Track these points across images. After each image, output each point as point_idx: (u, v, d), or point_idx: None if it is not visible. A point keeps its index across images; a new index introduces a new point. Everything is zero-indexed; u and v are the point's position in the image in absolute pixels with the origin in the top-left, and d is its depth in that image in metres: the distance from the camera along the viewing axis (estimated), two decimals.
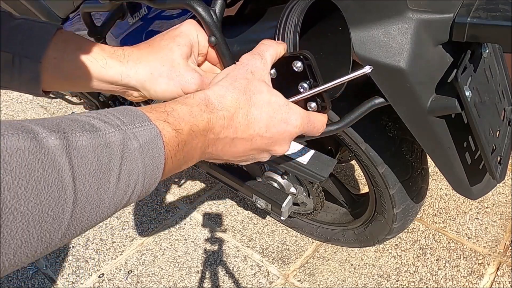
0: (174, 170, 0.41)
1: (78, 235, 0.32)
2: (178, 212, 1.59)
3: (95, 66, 0.51)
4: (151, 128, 0.36)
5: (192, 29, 0.54)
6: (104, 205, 0.32)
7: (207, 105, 0.43)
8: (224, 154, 0.47)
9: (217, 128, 0.43)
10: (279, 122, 0.47)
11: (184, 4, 0.54)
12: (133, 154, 0.34)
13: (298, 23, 0.54)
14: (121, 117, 0.36)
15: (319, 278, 1.32)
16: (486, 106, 0.70)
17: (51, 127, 0.30)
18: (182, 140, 0.39)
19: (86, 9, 0.76)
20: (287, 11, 0.56)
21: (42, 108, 2.28)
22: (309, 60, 0.50)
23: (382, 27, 0.63)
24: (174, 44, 0.52)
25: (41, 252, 0.29)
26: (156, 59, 0.52)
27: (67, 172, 0.29)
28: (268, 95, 0.46)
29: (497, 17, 0.57)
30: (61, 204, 0.29)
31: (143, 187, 0.36)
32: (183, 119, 0.40)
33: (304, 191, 1.15)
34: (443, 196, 1.54)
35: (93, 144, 0.31)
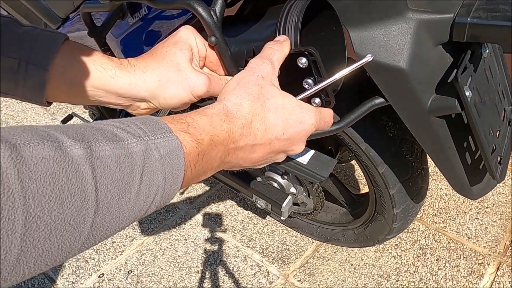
0: (194, 180, 0.41)
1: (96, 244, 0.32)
2: (178, 212, 1.59)
3: (105, 76, 0.51)
4: (172, 139, 0.37)
5: (189, 34, 0.54)
6: (124, 215, 0.32)
7: (226, 114, 0.43)
8: (244, 162, 0.47)
9: (237, 137, 0.44)
10: (295, 123, 0.48)
11: (184, 4, 0.54)
12: (154, 165, 0.34)
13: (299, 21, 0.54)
14: (144, 127, 0.36)
15: (319, 278, 1.32)
16: (486, 106, 0.70)
17: (75, 136, 0.30)
18: (202, 150, 0.40)
19: (86, 9, 0.76)
20: (286, 10, 0.56)
21: (43, 108, 2.28)
22: (314, 56, 0.51)
23: (382, 27, 0.63)
24: (176, 49, 0.52)
25: (60, 261, 0.29)
26: (161, 66, 0.52)
27: (90, 181, 0.29)
28: (281, 99, 0.47)
29: (497, 17, 0.57)
30: (83, 214, 0.29)
31: (162, 198, 0.36)
32: (204, 129, 0.40)
33: (304, 191, 1.15)
34: (443, 196, 1.54)
35: (115, 154, 0.32)
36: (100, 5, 0.73)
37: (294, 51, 0.53)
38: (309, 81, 0.54)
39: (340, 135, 0.94)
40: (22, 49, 0.49)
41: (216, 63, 0.58)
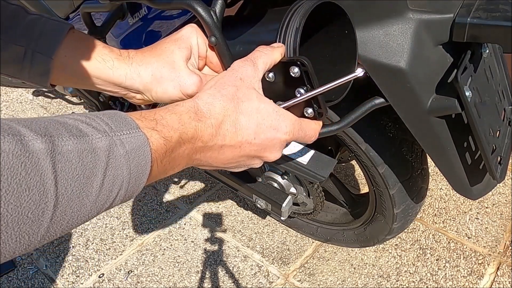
0: (160, 176, 0.42)
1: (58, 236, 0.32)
2: (178, 212, 1.59)
3: (104, 66, 0.53)
4: (138, 136, 0.37)
5: (192, 33, 0.54)
6: (86, 209, 0.33)
7: (196, 113, 0.43)
8: (213, 161, 0.47)
9: (206, 136, 0.44)
10: (268, 129, 0.47)
11: (184, 4, 0.54)
12: (118, 160, 0.34)
13: (300, 27, 0.54)
14: (110, 122, 0.36)
15: (319, 278, 1.32)
16: (486, 106, 0.70)
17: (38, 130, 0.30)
18: (170, 147, 0.40)
19: (86, 9, 0.76)
20: (290, 14, 0.56)
21: (42, 108, 2.28)
22: (306, 67, 0.50)
23: (382, 27, 0.63)
24: (175, 47, 0.53)
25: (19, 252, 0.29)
26: (157, 61, 0.53)
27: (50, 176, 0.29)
28: (257, 102, 0.46)
29: (497, 17, 0.57)
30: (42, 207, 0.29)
31: (126, 192, 0.36)
32: (172, 127, 0.41)
33: (304, 191, 1.15)
34: (443, 196, 1.54)
35: (78, 149, 0.32)
36: (100, 5, 0.73)
37: (287, 60, 0.53)
38: (301, 91, 0.53)
39: (340, 135, 0.94)
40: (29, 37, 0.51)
41: (217, 64, 0.58)
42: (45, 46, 0.51)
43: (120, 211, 1.61)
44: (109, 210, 1.61)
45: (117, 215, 1.60)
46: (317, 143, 1.14)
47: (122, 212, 1.61)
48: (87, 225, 1.56)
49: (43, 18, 0.53)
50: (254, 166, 0.51)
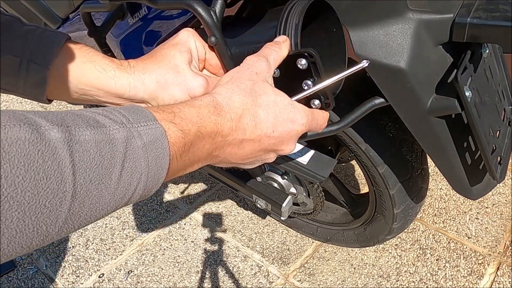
0: (179, 172, 0.41)
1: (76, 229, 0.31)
2: (178, 212, 1.59)
3: (105, 76, 0.51)
4: (156, 127, 0.36)
5: (189, 36, 0.54)
6: (104, 201, 0.32)
7: (215, 107, 0.43)
8: (232, 157, 0.47)
9: (226, 130, 0.43)
10: (286, 122, 0.47)
11: (184, 4, 0.54)
12: (136, 152, 0.34)
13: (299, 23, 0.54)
14: (127, 115, 0.36)
15: (319, 278, 1.32)
16: (486, 106, 0.70)
17: (54, 121, 0.30)
18: (188, 141, 0.39)
19: (86, 9, 0.76)
20: (287, 11, 0.56)
21: (42, 109, 2.28)
22: (314, 57, 0.51)
23: (382, 27, 0.63)
24: (176, 51, 0.53)
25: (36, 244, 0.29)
26: (160, 67, 0.52)
27: (68, 165, 0.29)
28: (274, 96, 0.47)
29: (497, 17, 0.57)
30: (60, 197, 0.28)
31: (145, 186, 0.35)
32: (191, 120, 0.40)
33: (304, 191, 1.15)
34: (443, 196, 1.54)
35: (96, 140, 0.31)
36: (100, 5, 0.73)
37: (293, 52, 0.53)
38: (308, 83, 0.53)
39: (340, 135, 0.94)
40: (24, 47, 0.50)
41: (216, 66, 0.58)
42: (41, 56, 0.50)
43: (120, 211, 1.61)
44: None
45: (117, 215, 1.59)
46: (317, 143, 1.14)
47: (122, 212, 1.61)
48: None
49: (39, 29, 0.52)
50: (268, 160, 0.51)
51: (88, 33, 0.80)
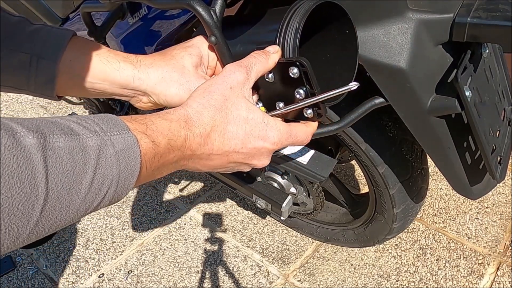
0: (147, 179, 0.42)
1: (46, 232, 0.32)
2: (178, 212, 1.59)
3: (109, 68, 0.54)
4: (129, 137, 0.38)
5: (203, 42, 0.56)
6: (75, 206, 0.33)
7: (186, 121, 0.45)
8: (202, 167, 0.49)
9: (194, 145, 0.45)
10: (256, 139, 0.48)
11: (184, 4, 0.54)
12: (108, 160, 0.35)
13: (299, 27, 0.54)
14: (101, 123, 0.37)
15: (319, 278, 1.32)
16: (486, 106, 0.70)
17: (30, 127, 0.31)
18: (158, 152, 0.41)
19: (86, 9, 0.76)
20: (290, 14, 0.56)
21: (42, 108, 2.28)
22: (305, 67, 0.50)
23: (382, 27, 0.63)
24: (186, 53, 0.55)
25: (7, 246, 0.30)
26: (167, 65, 0.54)
27: (41, 170, 0.30)
28: (246, 112, 0.47)
29: (497, 17, 0.57)
30: (32, 200, 0.29)
31: (115, 192, 0.37)
32: (162, 133, 0.42)
33: (304, 191, 1.15)
34: (443, 196, 1.54)
35: (69, 147, 0.33)
36: (100, 5, 0.73)
37: (285, 60, 0.53)
38: (300, 92, 0.53)
39: (340, 135, 0.94)
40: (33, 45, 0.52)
41: None
42: (49, 52, 0.52)
43: (120, 211, 1.61)
44: (109, 210, 1.61)
45: (117, 215, 1.59)
46: (317, 143, 1.14)
47: (122, 212, 1.61)
48: (87, 225, 1.56)
49: (46, 27, 0.54)
50: (242, 170, 0.52)
51: (88, 33, 0.80)
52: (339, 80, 0.62)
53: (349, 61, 0.61)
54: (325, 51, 0.63)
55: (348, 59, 0.61)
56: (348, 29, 0.59)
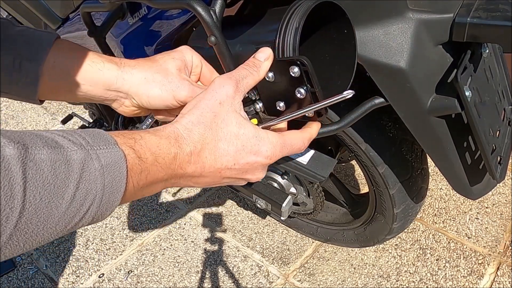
0: (136, 196, 0.41)
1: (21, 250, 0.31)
2: (178, 212, 1.59)
3: (93, 68, 0.54)
4: (116, 151, 0.37)
5: (187, 50, 0.58)
6: (53, 220, 0.32)
7: (176, 139, 0.44)
8: (194, 184, 0.48)
9: (184, 164, 0.44)
10: (248, 154, 0.47)
11: (184, 4, 0.54)
12: (93, 174, 0.34)
13: (299, 27, 0.54)
14: (87, 137, 0.36)
15: (319, 278, 1.32)
16: (486, 106, 0.70)
17: (12, 138, 0.30)
18: (145, 168, 0.40)
19: (86, 9, 0.76)
20: (289, 14, 0.56)
21: (42, 108, 2.28)
22: (306, 66, 0.50)
23: (382, 27, 0.63)
24: (169, 58, 0.56)
25: None
26: (151, 67, 0.55)
27: (19, 181, 0.29)
28: (236, 128, 0.46)
29: (497, 17, 0.57)
30: (6, 212, 0.28)
31: (98, 209, 0.35)
32: (150, 149, 0.41)
33: (304, 191, 1.15)
34: (443, 196, 1.54)
35: (51, 159, 0.32)
36: (100, 5, 0.73)
37: (286, 59, 0.53)
38: (301, 91, 0.53)
39: (340, 135, 0.94)
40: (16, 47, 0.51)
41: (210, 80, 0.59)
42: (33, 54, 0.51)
43: (120, 211, 1.61)
44: None
45: (117, 215, 1.59)
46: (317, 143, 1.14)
47: (122, 212, 1.61)
48: None
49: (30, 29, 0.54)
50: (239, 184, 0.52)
51: (88, 33, 0.80)
52: (337, 80, 0.62)
53: (347, 61, 0.61)
54: (323, 50, 0.63)
55: (346, 59, 0.61)
56: (346, 28, 0.59)
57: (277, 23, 0.57)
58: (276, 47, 0.57)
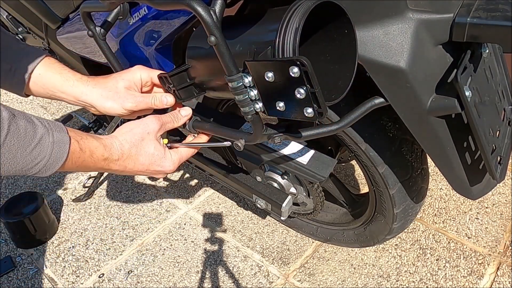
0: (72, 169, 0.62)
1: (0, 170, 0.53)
2: (178, 212, 1.59)
3: (67, 84, 0.77)
4: (64, 136, 0.59)
5: (136, 70, 0.78)
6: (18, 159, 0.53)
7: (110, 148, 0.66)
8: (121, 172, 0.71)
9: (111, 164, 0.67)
10: (156, 166, 0.72)
11: (184, 4, 0.54)
12: (46, 143, 0.56)
13: (299, 27, 0.54)
14: (51, 124, 0.58)
15: (319, 278, 1.32)
16: (486, 106, 0.70)
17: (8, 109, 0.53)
18: (82, 156, 0.61)
19: (86, 9, 0.76)
20: (289, 14, 0.56)
21: (42, 108, 2.28)
22: (306, 67, 0.50)
23: (382, 27, 0.63)
24: (120, 78, 0.77)
25: None
26: (105, 87, 0.76)
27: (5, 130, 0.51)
28: (153, 150, 0.71)
29: (497, 17, 0.57)
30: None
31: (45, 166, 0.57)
32: (89, 147, 0.63)
33: (304, 191, 1.15)
34: (443, 196, 1.54)
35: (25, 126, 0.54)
36: (100, 5, 0.73)
37: (286, 59, 0.53)
38: (301, 91, 0.53)
39: (340, 135, 0.94)
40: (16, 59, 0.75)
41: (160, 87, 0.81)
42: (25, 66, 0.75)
43: (120, 211, 1.61)
44: (109, 210, 1.61)
45: (117, 215, 1.60)
46: (317, 143, 1.14)
47: (122, 212, 1.61)
48: (87, 225, 1.56)
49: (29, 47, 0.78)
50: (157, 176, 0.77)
51: (88, 33, 0.80)
52: (338, 80, 0.62)
53: (348, 61, 0.61)
54: (324, 50, 0.63)
55: (347, 59, 0.61)
56: (347, 29, 0.59)
57: (277, 23, 0.57)
58: (276, 47, 0.57)
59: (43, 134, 0.56)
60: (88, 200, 1.67)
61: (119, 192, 1.70)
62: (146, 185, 1.72)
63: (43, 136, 0.55)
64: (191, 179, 1.74)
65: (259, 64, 0.56)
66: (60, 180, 1.79)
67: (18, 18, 1.32)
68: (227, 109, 1.25)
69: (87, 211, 1.62)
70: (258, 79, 0.57)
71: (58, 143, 0.57)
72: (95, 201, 1.67)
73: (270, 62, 0.55)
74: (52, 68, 0.77)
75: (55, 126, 0.58)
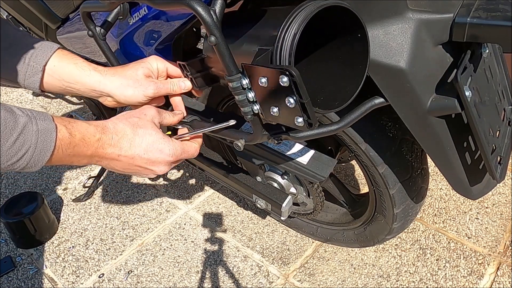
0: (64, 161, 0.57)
1: None
2: (178, 212, 1.59)
3: (83, 74, 0.73)
4: (49, 123, 0.53)
5: (153, 59, 0.76)
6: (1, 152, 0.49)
7: (103, 128, 0.61)
8: (113, 166, 0.64)
9: (106, 145, 0.60)
10: (155, 150, 0.64)
11: (184, 4, 0.54)
12: (30, 132, 0.51)
13: (297, 33, 0.53)
14: (34, 113, 0.53)
15: (319, 278, 1.32)
16: (486, 106, 0.70)
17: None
18: (73, 141, 0.56)
19: (86, 9, 0.76)
20: (290, 20, 0.55)
21: (42, 108, 2.28)
22: (294, 77, 0.50)
23: (382, 27, 0.63)
24: (139, 66, 0.75)
25: None
26: (125, 75, 0.74)
27: None
28: (151, 130, 0.64)
29: (497, 17, 0.57)
30: None
31: (31, 158, 0.52)
32: (79, 130, 0.57)
33: (304, 191, 1.15)
34: (443, 196, 1.54)
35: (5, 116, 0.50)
36: (100, 5, 0.73)
37: (275, 68, 0.53)
38: (291, 100, 0.53)
39: (340, 135, 0.94)
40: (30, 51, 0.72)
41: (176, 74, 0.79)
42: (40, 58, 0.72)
43: (120, 211, 1.61)
44: (109, 210, 1.61)
45: (117, 215, 1.60)
46: (317, 143, 1.14)
47: (122, 212, 1.61)
48: (87, 225, 1.56)
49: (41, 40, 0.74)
50: (148, 176, 0.68)
51: (88, 33, 0.80)
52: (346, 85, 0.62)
53: (359, 66, 0.60)
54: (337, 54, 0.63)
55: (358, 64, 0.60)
56: (360, 33, 0.58)
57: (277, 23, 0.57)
58: (274, 53, 0.57)
59: (26, 123, 0.51)
60: (88, 200, 1.67)
61: (119, 192, 1.70)
62: (146, 185, 1.72)
63: (25, 125, 0.51)
64: (191, 179, 1.74)
65: (254, 68, 0.56)
66: (60, 180, 1.79)
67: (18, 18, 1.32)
68: (227, 109, 1.25)
69: (87, 211, 1.62)
70: (254, 82, 0.57)
71: (43, 131, 0.52)
72: (95, 201, 1.67)
73: (264, 68, 0.55)
74: (66, 59, 0.74)
75: (38, 115, 0.54)
